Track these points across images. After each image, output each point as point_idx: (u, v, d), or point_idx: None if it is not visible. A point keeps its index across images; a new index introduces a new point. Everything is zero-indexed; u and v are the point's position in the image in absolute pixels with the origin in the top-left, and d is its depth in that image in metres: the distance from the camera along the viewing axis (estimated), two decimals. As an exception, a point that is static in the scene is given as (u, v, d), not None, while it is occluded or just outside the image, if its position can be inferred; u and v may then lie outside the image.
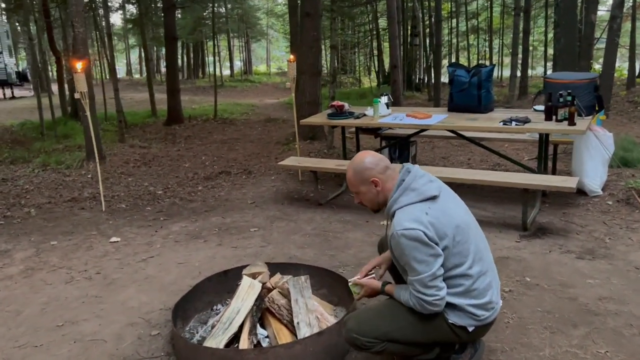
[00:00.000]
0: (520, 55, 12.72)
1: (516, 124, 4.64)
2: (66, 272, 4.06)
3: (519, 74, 12.82)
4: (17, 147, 8.99)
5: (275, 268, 3.39)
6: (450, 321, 2.25)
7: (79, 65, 4.98)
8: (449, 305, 2.22)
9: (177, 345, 2.82)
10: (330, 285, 3.36)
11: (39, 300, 3.61)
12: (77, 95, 5.07)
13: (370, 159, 2.30)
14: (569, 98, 4.60)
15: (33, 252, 4.47)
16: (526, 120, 4.70)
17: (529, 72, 15.38)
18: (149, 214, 5.36)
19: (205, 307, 3.33)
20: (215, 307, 3.35)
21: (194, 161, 7.65)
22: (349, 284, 2.58)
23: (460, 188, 5.61)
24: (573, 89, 4.71)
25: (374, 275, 2.58)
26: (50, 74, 19.45)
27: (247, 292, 2.90)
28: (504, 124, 4.68)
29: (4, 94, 20.04)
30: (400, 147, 6.14)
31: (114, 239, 4.69)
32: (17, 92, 20.83)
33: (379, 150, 6.24)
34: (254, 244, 4.43)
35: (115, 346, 3.00)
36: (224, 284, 3.41)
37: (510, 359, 2.70)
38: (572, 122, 4.49)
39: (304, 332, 2.75)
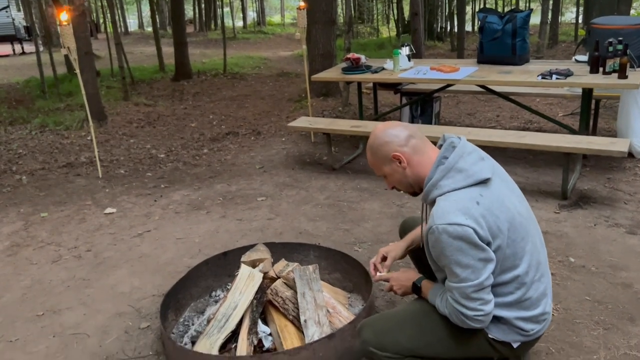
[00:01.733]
0: (550, 1, 11.77)
1: (557, 78, 4.06)
2: (54, 249, 3.69)
3: (549, 20, 11.90)
4: (19, 106, 8.59)
5: (280, 249, 2.98)
6: (490, 336, 1.80)
7: (64, 16, 4.45)
8: (493, 318, 1.76)
9: (166, 345, 2.43)
10: (345, 269, 2.94)
11: (21, 284, 3.25)
12: (64, 51, 4.57)
13: (387, 130, 1.80)
14: (620, 47, 3.98)
15: (21, 225, 4.11)
16: (568, 73, 4.11)
17: (559, 18, 14.34)
18: (149, 181, 4.95)
19: (202, 294, 2.94)
20: (213, 293, 2.96)
21: (201, 120, 7.17)
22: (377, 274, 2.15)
23: (486, 149, 5.08)
24: (624, 36, 4.08)
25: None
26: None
27: (245, 284, 2.48)
28: (542, 78, 4.10)
29: (14, 50, 19.58)
30: (422, 104, 5.58)
31: (109, 210, 4.30)
32: (27, 47, 20.33)
33: (399, 109, 5.69)
34: (260, 215, 4.00)
35: (98, 342, 2.63)
36: (223, 266, 3.01)
37: (558, 365, 2.27)
38: (623, 75, 3.89)
39: (312, 331, 2.33)
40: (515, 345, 1.80)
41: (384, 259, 2.19)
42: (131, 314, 2.86)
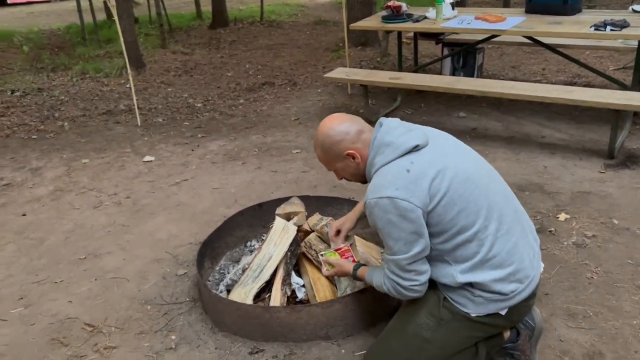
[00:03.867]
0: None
1: (612, 29, 3.82)
2: (95, 195, 3.80)
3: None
4: (60, 52, 8.70)
5: (314, 203, 2.98)
6: (474, 315, 1.73)
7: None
8: (468, 292, 1.70)
9: (202, 293, 2.50)
10: (379, 224, 2.91)
11: (64, 228, 3.37)
12: (101, -3, 4.55)
13: (337, 127, 1.79)
14: (684, -4, 3.70)
15: (64, 170, 4.22)
16: (624, 25, 3.86)
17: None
18: (187, 130, 4.99)
19: (237, 243, 2.99)
20: (248, 243, 3.01)
21: (237, 70, 7.12)
22: (321, 257, 2.20)
23: (530, 104, 4.93)
24: (690, -17, 3.78)
25: (348, 246, 2.22)
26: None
27: (280, 236, 2.50)
28: (596, 29, 3.86)
29: (54, -5, 19.68)
30: (465, 56, 5.37)
31: (147, 158, 4.37)
32: (67, -7, 20.38)
33: (440, 60, 5.50)
34: (295, 168, 4.00)
35: (137, 286, 2.72)
36: (258, 217, 3.03)
37: (595, 327, 2.23)
38: (685, 27, 3.63)
39: (344, 285, 2.35)
40: (503, 312, 1.73)
41: (339, 232, 2.26)
42: (169, 260, 2.94)
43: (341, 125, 1.78)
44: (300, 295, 2.48)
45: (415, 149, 1.69)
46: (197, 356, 2.22)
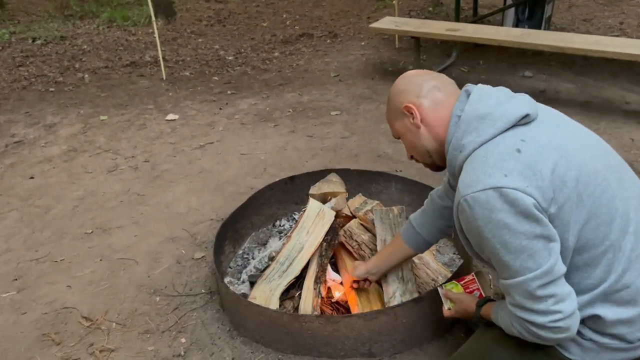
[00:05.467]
0: None
1: None
2: (111, 157, 3.41)
3: None
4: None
5: (356, 179, 2.50)
6: None
7: None
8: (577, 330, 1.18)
9: (220, 289, 2.08)
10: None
11: (74, 195, 3.00)
12: None
13: (411, 77, 1.33)
14: None
15: (80, 128, 3.85)
16: None
17: None
18: (215, 86, 4.53)
19: (265, 222, 2.56)
20: (277, 223, 2.58)
21: (274, 20, 6.56)
22: (440, 291, 1.64)
23: (609, 64, 4.25)
24: None
25: (473, 275, 1.64)
26: None
27: (314, 223, 2.04)
28: None
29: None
30: (531, 6, 4.67)
31: (171, 116, 3.94)
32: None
33: (502, 11, 4.82)
34: (334, 132, 3.50)
35: (147, 271, 2.34)
36: (289, 193, 2.58)
37: None
38: None
39: (393, 289, 1.88)
40: None
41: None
42: (185, 240, 2.53)
43: (417, 77, 1.32)
44: (338, 295, 2.04)
45: (524, 120, 1.16)
46: (210, 367, 1.83)
